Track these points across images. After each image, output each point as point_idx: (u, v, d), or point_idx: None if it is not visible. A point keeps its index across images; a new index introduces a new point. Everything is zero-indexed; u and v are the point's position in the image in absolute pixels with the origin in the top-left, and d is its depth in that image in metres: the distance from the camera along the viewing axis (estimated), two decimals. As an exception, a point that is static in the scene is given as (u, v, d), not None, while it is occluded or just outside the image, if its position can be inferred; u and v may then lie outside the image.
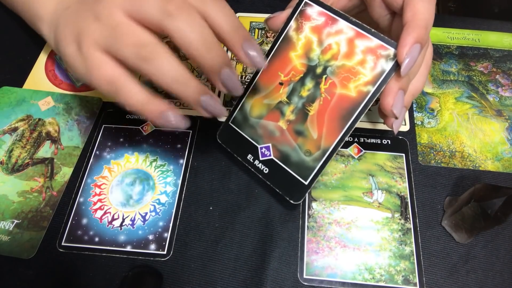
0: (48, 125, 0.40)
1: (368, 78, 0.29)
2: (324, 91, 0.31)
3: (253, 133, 0.34)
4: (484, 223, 0.32)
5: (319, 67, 0.31)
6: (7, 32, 0.47)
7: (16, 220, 0.35)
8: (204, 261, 0.33)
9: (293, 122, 0.32)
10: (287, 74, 0.32)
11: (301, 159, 0.32)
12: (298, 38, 0.31)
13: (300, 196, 0.32)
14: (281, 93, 0.32)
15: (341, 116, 0.30)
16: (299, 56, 0.31)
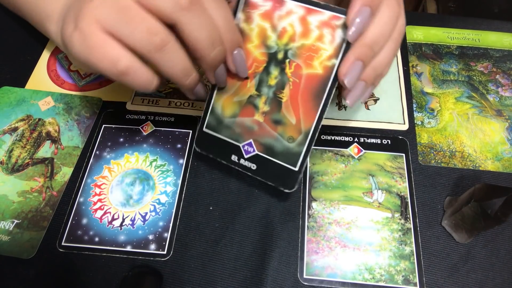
0: (48, 125, 0.40)
1: (330, 52, 0.29)
2: (291, 75, 0.30)
3: (231, 133, 0.33)
4: (484, 223, 0.32)
5: (279, 53, 0.30)
6: (7, 31, 0.47)
7: (16, 220, 0.35)
8: (204, 261, 0.33)
9: (268, 112, 0.32)
10: (249, 67, 0.31)
11: (285, 147, 0.31)
12: (251, 29, 0.31)
13: (294, 183, 0.32)
14: (249, 87, 0.32)
15: (314, 95, 0.30)
16: (257, 46, 0.31)
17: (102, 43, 0.26)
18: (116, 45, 0.26)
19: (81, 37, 0.27)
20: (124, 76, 0.27)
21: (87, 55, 0.27)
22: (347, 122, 0.40)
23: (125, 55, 0.26)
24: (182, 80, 0.28)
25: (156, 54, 0.26)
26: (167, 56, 0.26)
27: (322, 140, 0.39)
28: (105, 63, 0.26)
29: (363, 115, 0.40)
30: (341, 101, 0.42)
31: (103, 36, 0.26)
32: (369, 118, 0.40)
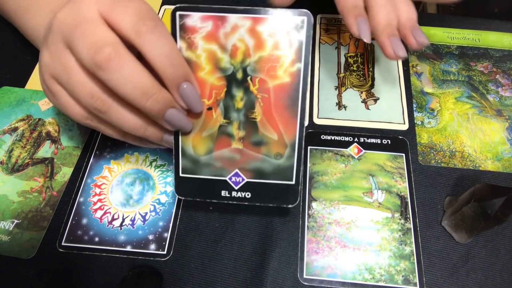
0: (48, 125, 0.40)
1: (292, 57, 0.27)
2: (258, 92, 0.28)
3: (212, 170, 0.30)
4: (484, 223, 0.32)
5: (238, 72, 0.28)
6: (8, 31, 0.47)
7: (16, 220, 0.35)
8: (204, 261, 0.33)
9: (246, 137, 0.29)
10: (209, 96, 0.29)
11: (275, 165, 0.30)
12: (197, 56, 0.28)
13: (295, 197, 0.30)
14: (216, 117, 0.29)
15: (288, 105, 0.28)
16: (210, 72, 0.28)
17: (71, 102, 0.27)
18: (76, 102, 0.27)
19: (50, 94, 0.28)
20: (99, 130, 0.28)
21: (62, 111, 0.28)
22: (347, 122, 0.40)
23: (86, 115, 0.27)
24: (139, 133, 0.28)
25: (101, 116, 0.26)
26: (113, 117, 0.26)
27: (322, 140, 0.39)
28: (79, 118, 0.27)
29: (363, 115, 0.40)
30: (341, 101, 0.42)
31: (66, 93, 0.27)
32: (369, 118, 0.40)
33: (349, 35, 0.47)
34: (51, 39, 0.26)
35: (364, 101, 0.42)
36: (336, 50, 0.46)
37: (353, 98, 0.42)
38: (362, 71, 0.44)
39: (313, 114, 0.41)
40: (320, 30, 0.47)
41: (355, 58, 0.45)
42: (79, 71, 0.25)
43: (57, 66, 0.26)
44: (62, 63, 0.25)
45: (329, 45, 0.46)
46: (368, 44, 0.46)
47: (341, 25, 0.48)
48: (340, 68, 0.44)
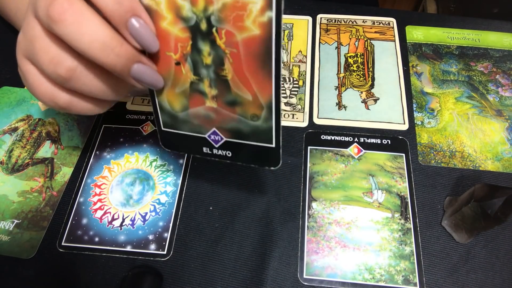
0: (48, 125, 0.40)
1: (260, 4, 0.22)
2: (226, 46, 0.25)
3: (191, 127, 0.29)
4: (484, 223, 0.32)
5: (201, 23, 0.24)
6: (7, 31, 0.47)
7: (16, 220, 0.35)
8: (204, 261, 0.33)
9: (218, 96, 0.27)
10: (175, 50, 0.25)
11: (252, 126, 0.27)
12: (157, 2, 0.24)
13: (276, 160, 0.29)
14: (186, 73, 0.26)
15: (261, 61, 0.25)
16: (172, 22, 0.25)
17: (38, 80, 0.25)
18: (49, 80, 0.25)
19: (22, 75, 0.26)
20: (68, 110, 0.26)
21: (32, 92, 0.26)
22: (347, 122, 0.40)
23: (59, 91, 0.25)
24: (112, 97, 0.26)
25: (68, 84, 0.24)
26: (80, 83, 0.24)
27: (322, 140, 0.39)
28: (46, 99, 0.26)
29: (363, 115, 0.40)
30: (341, 101, 0.42)
31: (35, 71, 0.25)
32: (369, 118, 0.40)
33: (349, 35, 0.47)
34: (26, 16, 0.25)
35: (364, 101, 0.42)
36: (336, 50, 0.46)
37: (353, 98, 0.42)
38: (362, 71, 0.44)
39: (313, 114, 0.41)
40: (320, 30, 0.47)
41: (355, 58, 0.45)
42: (43, 37, 0.24)
43: (26, 40, 0.24)
44: (29, 34, 0.24)
45: (329, 45, 0.46)
46: (368, 44, 0.46)
47: (341, 25, 0.48)
48: (340, 68, 0.44)
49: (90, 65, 0.24)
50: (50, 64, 0.24)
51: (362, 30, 0.47)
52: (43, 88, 0.25)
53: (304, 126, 0.40)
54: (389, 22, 0.48)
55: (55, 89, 0.25)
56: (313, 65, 0.44)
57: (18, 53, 0.26)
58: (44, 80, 0.25)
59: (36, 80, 0.25)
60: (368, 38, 0.46)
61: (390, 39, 0.46)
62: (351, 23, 0.48)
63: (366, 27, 0.47)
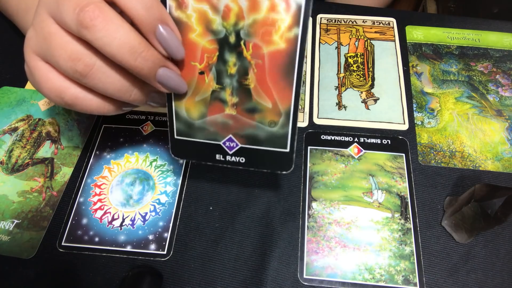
0: (48, 125, 0.40)
1: (289, 21, 0.25)
2: (252, 57, 0.26)
3: (207, 134, 0.30)
4: (484, 223, 0.32)
5: (230, 36, 0.26)
6: (7, 32, 0.47)
7: (16, 220, 0.35)
8: (204, 261, 0.33)
9: (239, 103, 0.28)
10: (201, 60, 0.27)
11: (269, 132, 0.29)
12: (188, 16, 0.26)
13: (289, 164, 0.30)
14: (209, 82, 0.28)
15: (284, 72, 0.27)
16: (201, 34, 0.26)
17: (45, 76, 0.25)
18: (58, 75, 0.25)
19: (28, 71, 0.27)
20: (73, 106, 0.26)
21: (38, 88, 0.27)
22: (347, 122, 0.40)
23: (68, 86, 0.26)
24: (125, 97, 0.26)
25: (84, 80, 0.25)
26: (96, 79, 0.25)
27: (322, 140, 0.39)
28: (52, 96, 0.26)
29: (363, 115, 0.40)
30: (341, 101, 0.42)
31: (45, 67, 0.25)
32: (369, 118, 0.40)
33: (349, 35, 0.47)
34: (36, 13, 0.25)
35: (364, 101, 0.42)
36: (336, 50, 0.46)
37: (353, 98, 0.42)
38: (362, 71, 0.44)
39: (313, 114, 0.41)
40: (320, 30, 0.47)
41: (355, 58, 0.45)
42: (61, 34, 0.24)
43: (39, 37, 0.25)
44: (44, 32, 0.24)
45: (329, 45, 0.46)
46: (368, 44, 0.46)
47: (341, 25, 0.48)
48: (340, 68, 0.44)
49: (108, 62, 0.25)
50: (68, 60, 0.24)
51: (362, 30, 0.47)
52: (50, 84, 0.26)
53: (304, 126, 0.40)
54: (389, 22, 0.48)
55: (62, 85, 0.26)
56: (313, 65, 0.44)
57: (27, 50, 0.26)
58: (52, 76, 0.25)
59: (43, 76, 0.26)
60: (368, 38, 0.46)
61: (390, 39, 0.46)
62: (351, 23, 0.48)
63: (366, 27, 0.47)
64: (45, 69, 0.25)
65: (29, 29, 0.26)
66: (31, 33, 0.26)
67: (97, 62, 0.24)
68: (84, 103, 0.26)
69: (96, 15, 0.22)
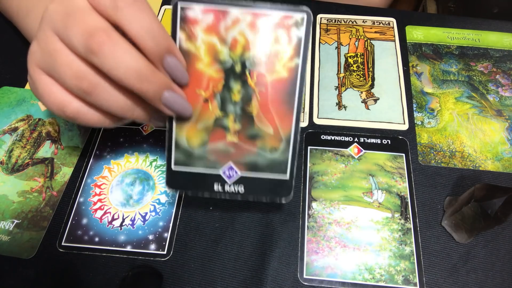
0: (48, 125, 0.40)
1: (290, 52, 0.28)
2: (256, 85, 0.28)
3: (206, 163, 0.30)
4: (484, 223, 0.32)
5: (236, 65, 0.28)
6: (7, 32, 0.47)
7: (16, 220, 0.35)
8: (204, 261, 0.33)
9: (241, 130, 0.29)
10: (206, 88, 0.28)
11: (269, 159, 0.29)
12: (197, 47, 0.28)
13: (288, 191, 0.30)
14: (212, 110, 0.29)
15: (285, 100, 0.28)
16: (209, 64, 0.28)
17: (48, 89, 0.26)
18: (61, 89, 0.26)
19: (32, 83, 0.27)
20: (74, 119, 0.27)
21: (40, 100, 0.27)
22: (347, 122, 0.40)
23: (70, 100, 0.26)
24: (127, 115, 0.27)
25: (88, 98, 0.25)
26: (100, 97, 0.25)
27: (322, 140, 0.39)
28: (54, 108, 0.26)
29: (363, 115, 0.40)
30: (341, 101, 0.42)
31: (48, 80, 0.26)
32: (369, 118, 0.40)
33: (349, 35, 0.47)
34: (40, 29, 0.26)
35: (364, 101, 0.42)
36: (336, 50, 0.46)
37: (353, 98, 0.42)
38: (362, 71, 0.44)
39: (313, 114, 0.41)
40: (320, 30, 0.47)
41: (355, 58, 0.45)
42: (66, 52, 0.25)
43: (44, 52, 0.25)
44: (49, 48, 0.25)
45: (329, 45, 0.46)
46: (368, 44, 0.46)
47: (341, 25, 0.48)
48: (340, 68, 0.44)
49: (113, 82, 0.25)
50: (73, 78, 0.25)
51: (362, 30, 0.47)
52: (52, 98, 0.26)
53: (304, 126, 0.40)
54: (389, 22, 0.48)
55: (65, 99, 0.26)
56: (313, 65, 0.44)
57: (31, 63, 0.26)
58: (54, 90, 0.26)
59: (46, 89, 0.26)
60: (368, 38, 0.46)
61: (390, 39, 0.46)
62: (351, 23, 0.48)
63: (366, 27, 0.47)
64: (48, 83, 0.26)
65: (33, 43, 0.26)
66: (35, 47, 0.26)
67: (102, 81, 0.25)
68: (86, 117, 0.27)
69: (104, 41, 0.23)
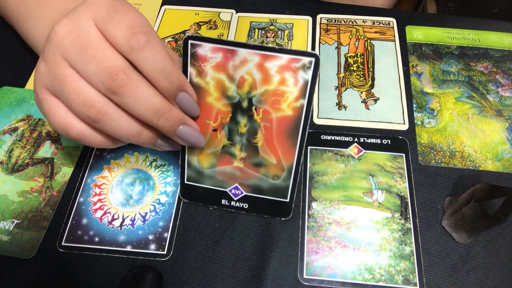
0: (48, 125, 0.40)
1: (296, 94, 0.28)
2: (261, 121, 0.30)
3: (214, 182, 0.33)
4: (484, 223, 0.32)
5: (243, 102, 0.30)
6: (7, 32, 0.47)
7: (16, 220, 0.35)
8: (204, 261, 0.33)
9: (247, 158, 0.32)
10: (215, 119, 0.30)
11: (272, 184, 0.32)
12: (206, 82, 0.29)
13: (288, 212, 0.33)
14: (220, 138, 0.31)
15: (289, 135, 0.30)
16: (217, 98, 0.30)
17: (54, 110, 0.27)
18: (66, 111, 0.27)
19: (38, 102, 0.28)
20: (78, 140, 0.28)
21: (46, 118, 0.28)
22: (347, 122, 0.40)
23: (75, 123, 0.27)
24: (133, 140, 0.28)
25: (95, 125, 0.26)
26: (107, 125, 0.26)
27: (322, 140, 0.39)
28: (59, 129, 0.27)
29: (363, 115, 0.40)
30: (341, 101, 0.42)
31: (54, 101, 0.27)
32: (369, 118, 0.40)
33: (349, 35, 0.47)
34: (48, 51, 0.26)
35: (364, 101, 0.42)
36: (336, 50, 0.46)
37: (353, 98, 0.42)
38: (362, 71, 0.44)
39: (313, 114, 0.41)
40: (320, 30, 0.47)
41: (355, 58, 0.45)
42: (75, 78, 0.25)
43: (52, 76, 0.26)
44: (57, 74, 0.26)
45: (329, 45, 0.46)
46: (368, 44, 0.46)
47: (341, 25, 0.48)
48: (340, 68, 0.44)
49: (120, 110, 0.26)
50: (81, 105, 0.25)
51: (362, 30, 0.47)
52: (58, 119, 0.27)
53: (304, 126, 0.40)
54: (389, 22, 0.48)
55: (69, 121, 0.27)
56: (313, 65, 0.44)
57: (39, 84, 0.27)
58: (60, 112, 0.27)
59: (52, 110, 0.27)
60: (368, 38, 0.46)
61: (390, 39, 0.46)
62: (351, 23, 0.48)
63: (366, 27, 0.47)
64: (54, 104, 0.27)
65: (40, 64, 0.27)
66: (42, 69, 0.27)
67: (110, 110, 0.26)
68: (89, 139, 0.28)
69: (125, 82, 0.24)
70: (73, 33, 0.25)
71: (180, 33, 0.47)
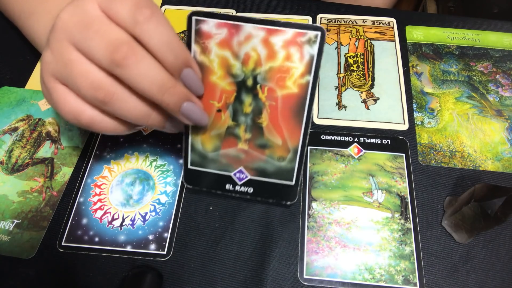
0: (48, 125, 0.40)
1: (302, 69, 0.28)
2: (266, 99, 0.29)
3: (219, 166, 0.32)
4: (484, 223, 0.32)
5: (248, 80, 0.29)
6: (8, 31, 0.47)
7: (16, 220, 0.35)
8: (204, 261, 0.33)
9: (252, 139, 0.31)
10: (219, 99, 0.30)
11: (277, 166, 0.31)
12: (210, 60, 0.29)
13: (294, 195, 0.32)
14: (225, 119, 0.30)
15: (294, 114, 0.29)
16: (222, 77, 0.29)
17: (63, 98, 0.26)
18: (76, 98, 0.26)
19: (46, 92, 0.28)
20: (89, 127, 0.27)
21: (55, 108, 0.27)
22: (347, 122, 0.40)
23: (85, 109, 0.26)
24: (142, 122, 0.27)
25: (104, 107, 0.26)
26: (116, 106, 0.26)
27: (322, 140, 0.39)
28: (69, 117, 0.27)
29: (363, 115, 0.40)
30: (341, 101, 0.42)
31: (62, 89, 0.26)
32: (369, 118, 0.40)
33: (349, 35, 0.47)
34: (53, 38, 0.26)
35: (364, 101, 0.42)
36: (336, 50, 0.46)
37: (353, 98, 0.42)
38: (362, 71, 0.44)
39: (313, 114, 0.41)
40: (320, 30, 0.47)
41: (355, 58, 0.45)
42: (82, 61, 0.25)
43: (59, 62, 0.26)
44: (64, 58, 0.25)
45: (329, 45, 0.46)
46: (368, 44, 0.46)
47: (341, 25, 0.48)
48: (340, 68, 0.44)
49: (128, 90, 0.26)
50: (89, 88, 0.25)
51: (362, 30, 0.47)
52: (67, 106, 0.27)
53: (304, 126, 0.40)
54: (389, 22, 0.48)
55: (79, 107, 0.27)
56: (313, 65, 0.44)
57: (46, 72, 0.27)
58: (69, 99, 0.26)
59: (61, 98, 0.27)
60: (368, 38, 0.46)
61: (390, 39, 0.46)
62: (351, 23, 0.48)
63: (366, 27, 0.47)
64: (63, 92, 0.26)
65: (46, 52, 0.27)
66: (49, 57, 0.26)
67: (118, 90, 0.25)
68: (101, 125, 0.28)
69: (128, 55, 0.24)
70: (77, 16, 0.25)
71: (180, 33, 0.47)
